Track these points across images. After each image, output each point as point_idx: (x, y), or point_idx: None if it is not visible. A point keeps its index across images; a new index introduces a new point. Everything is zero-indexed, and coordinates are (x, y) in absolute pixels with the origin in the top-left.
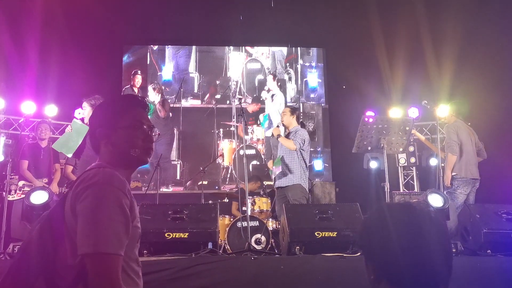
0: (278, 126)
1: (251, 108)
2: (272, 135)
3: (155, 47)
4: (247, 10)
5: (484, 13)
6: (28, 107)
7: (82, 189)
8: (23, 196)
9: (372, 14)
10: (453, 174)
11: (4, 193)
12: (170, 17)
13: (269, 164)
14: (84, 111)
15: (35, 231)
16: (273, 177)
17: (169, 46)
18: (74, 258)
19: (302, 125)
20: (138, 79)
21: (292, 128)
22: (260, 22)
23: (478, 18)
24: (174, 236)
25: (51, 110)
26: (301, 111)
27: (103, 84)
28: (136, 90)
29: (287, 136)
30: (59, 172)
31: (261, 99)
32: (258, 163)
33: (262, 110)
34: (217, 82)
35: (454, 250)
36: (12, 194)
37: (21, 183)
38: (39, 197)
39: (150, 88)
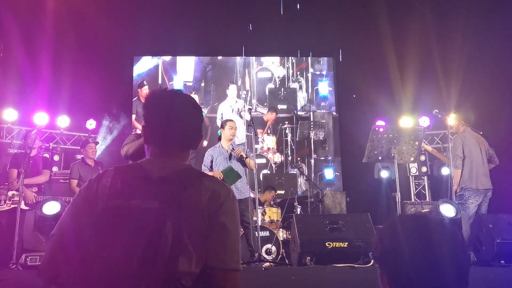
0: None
1: (267, 117)
2: (236, 154)
3: (166, 58)
4: (257, 20)
5: (494, 21)
6: (40, 118)
7: (220, 200)
8: (13, 206)
9: (382, 24)
10: (464, 185)
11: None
12: (180, 29)
13: None
14: None
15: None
16: None
17: (180, 56)
18: (196, 266)
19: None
20: (146, 90)
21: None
22: (270, 33)
23: (488, 26)
24: None
25: (63, 121)
26: (312, 119)
27: (114, 95)
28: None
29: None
30: (46, 176)
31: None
32: (268, 172)
33: (278, 119)
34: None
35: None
36: (2, 205)
37: (10, 193)
38: (51, 208)
39: None
